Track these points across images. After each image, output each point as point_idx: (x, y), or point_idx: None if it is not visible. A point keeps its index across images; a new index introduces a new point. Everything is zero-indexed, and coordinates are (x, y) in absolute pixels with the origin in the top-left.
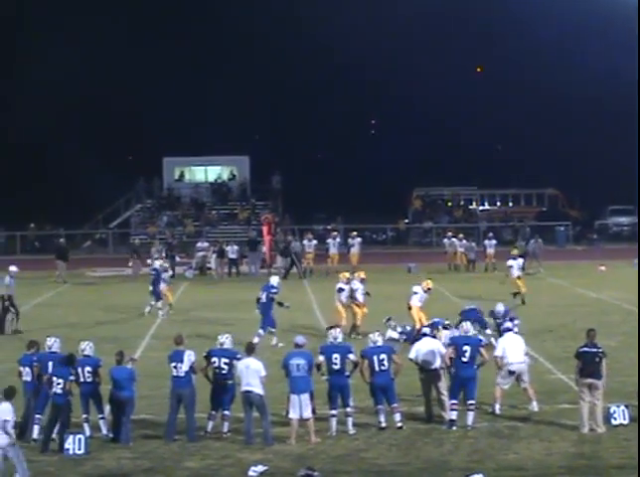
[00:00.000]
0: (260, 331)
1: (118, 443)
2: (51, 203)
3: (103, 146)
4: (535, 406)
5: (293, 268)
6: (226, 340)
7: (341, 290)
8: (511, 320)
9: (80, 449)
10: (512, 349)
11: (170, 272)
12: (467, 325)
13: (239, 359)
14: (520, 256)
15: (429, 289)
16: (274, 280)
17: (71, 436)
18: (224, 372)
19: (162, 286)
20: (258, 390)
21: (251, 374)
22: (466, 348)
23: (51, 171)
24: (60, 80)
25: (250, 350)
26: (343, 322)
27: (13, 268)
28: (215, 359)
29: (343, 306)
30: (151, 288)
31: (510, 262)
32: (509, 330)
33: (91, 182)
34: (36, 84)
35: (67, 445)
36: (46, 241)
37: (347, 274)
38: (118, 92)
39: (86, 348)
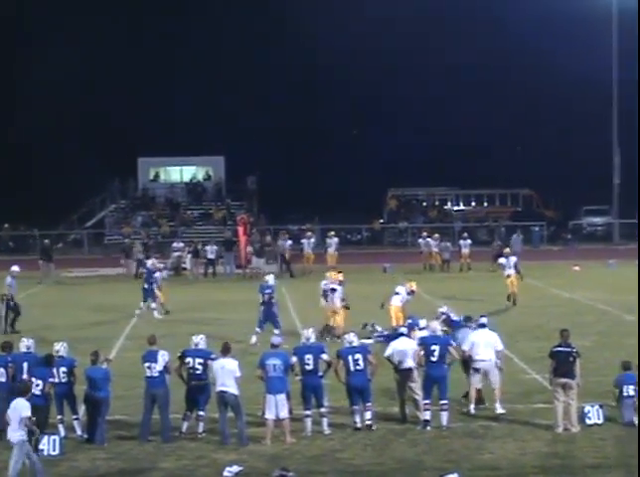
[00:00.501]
0: (276, 331)
1: (93, 444)
2: (25, 203)
3: (78, 146)
4: (498, 408)
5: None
6: (200, 340)
7: (334, 291)
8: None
9: (54, 450)
10: (480, 346)
11: (164, 272)
12: (435, 324)
13: (213, 359)
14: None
15: (413, 291)
16: (270, 279)
17: (45, 437)
18: (198, 372)
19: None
20: (233, 390)
21: (227, 374)
22: (434, 347)
23: (33, 172)
24: (37, 80)
25: (226, 350)
26: (332, 322)
27: (15, 268)
28: (189, 359)
29: (334, 307)
30: (146, 286)
31: (501, 260)
32: (483, 326)
33: (65, 182)
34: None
35: (41, 446)
36: (20, 242)
37: (338, 275)
38: (93, 92)
39: (61, 349)
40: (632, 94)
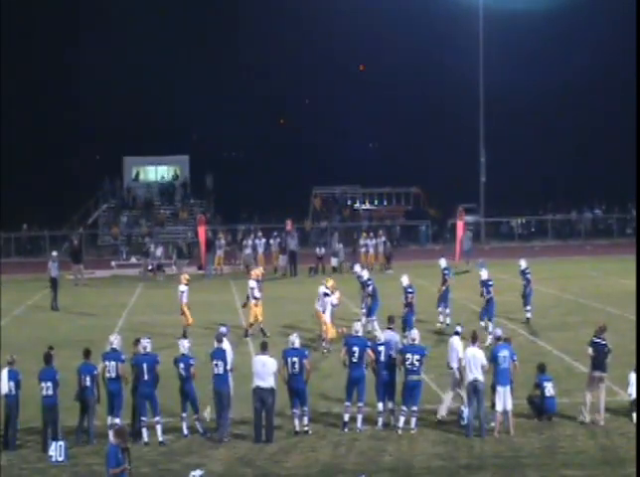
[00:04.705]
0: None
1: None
2: (34, 203)
3: (75, 144)
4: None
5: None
6: (114, 340)
7: (326, 295)
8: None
9: (60, 456)
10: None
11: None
12: (357, 325)
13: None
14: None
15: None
16: (404, 280)
17: (53, 443)
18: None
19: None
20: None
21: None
22: (355, 348)
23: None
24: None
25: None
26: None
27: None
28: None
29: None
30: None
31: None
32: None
33: (65, 182)
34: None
35: (50, 452)
36: (35, 243)
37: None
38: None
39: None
40: (497, 97)
